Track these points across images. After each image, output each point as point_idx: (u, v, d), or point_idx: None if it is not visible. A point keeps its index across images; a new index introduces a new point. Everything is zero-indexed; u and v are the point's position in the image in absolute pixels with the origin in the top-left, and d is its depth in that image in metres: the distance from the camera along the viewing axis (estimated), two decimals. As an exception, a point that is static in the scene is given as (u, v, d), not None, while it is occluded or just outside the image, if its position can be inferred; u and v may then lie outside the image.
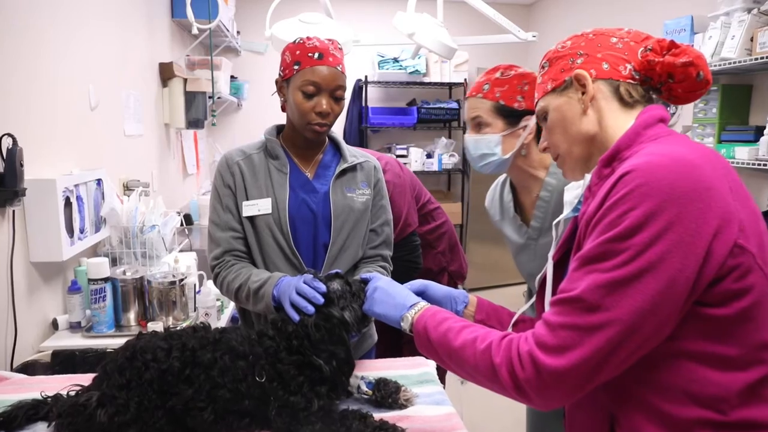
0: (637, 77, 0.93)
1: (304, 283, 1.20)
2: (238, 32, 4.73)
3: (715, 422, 0.79)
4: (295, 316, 1.16)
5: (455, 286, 2.32)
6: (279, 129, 1.55)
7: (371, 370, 1.40)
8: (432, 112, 5.24)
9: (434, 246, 2.23)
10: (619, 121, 0.92)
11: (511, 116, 1.40)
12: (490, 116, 1.41)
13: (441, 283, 2.24)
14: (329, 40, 1.43)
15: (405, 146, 5.33)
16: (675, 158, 0.78)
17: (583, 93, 0.94)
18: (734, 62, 2.54)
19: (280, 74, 1.45)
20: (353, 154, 1.56)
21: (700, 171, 0.77)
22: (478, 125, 1.44)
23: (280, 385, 1.09)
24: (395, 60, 5.08)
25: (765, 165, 2.51)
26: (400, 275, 2.06)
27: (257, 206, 1.43)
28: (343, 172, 1.50)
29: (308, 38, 1.41)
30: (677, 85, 0.91)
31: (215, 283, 1.47)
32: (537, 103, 1.03)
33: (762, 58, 2.44)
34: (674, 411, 0.80)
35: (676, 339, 0.79)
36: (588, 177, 0.97)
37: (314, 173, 1.50)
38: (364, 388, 1.21)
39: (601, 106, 0.93)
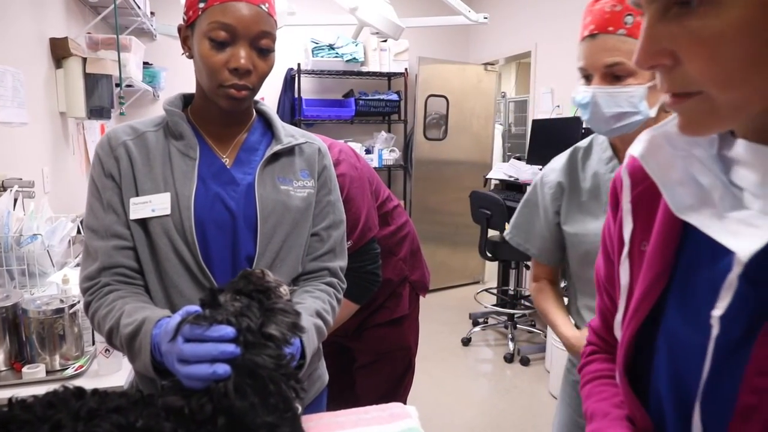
0: None
1: (188, 340, 0.77)
2: (152, 13, 4.18)
3: None
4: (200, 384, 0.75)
5: (417, 298, 1.96)
6: (187, 99, 1.13)
7: (332, 429, 1.01)
8: (371, 104, 4.89)
9: (394, 252, 1.84)
10: None
11: None
12: None
13: (402, 295, 1.89)
14: None
15: (342, 141, 4.95)
16: None
17: None
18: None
19: (183, 18, 1.04)
20: (290, 133, 1.15)
21: None
22: (616, 75, 1.07)
23: None
24: (331, 47, 4.68)
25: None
26: (358, 290, 1.68)
27: (150, 204, 1.01)
28: (276, 156, 1.10)
29: None
30: None
31: (87, 316, 1.02)
32: None
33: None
34: None
35: None
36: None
37: (234, 159, 1.09)
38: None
39: None
